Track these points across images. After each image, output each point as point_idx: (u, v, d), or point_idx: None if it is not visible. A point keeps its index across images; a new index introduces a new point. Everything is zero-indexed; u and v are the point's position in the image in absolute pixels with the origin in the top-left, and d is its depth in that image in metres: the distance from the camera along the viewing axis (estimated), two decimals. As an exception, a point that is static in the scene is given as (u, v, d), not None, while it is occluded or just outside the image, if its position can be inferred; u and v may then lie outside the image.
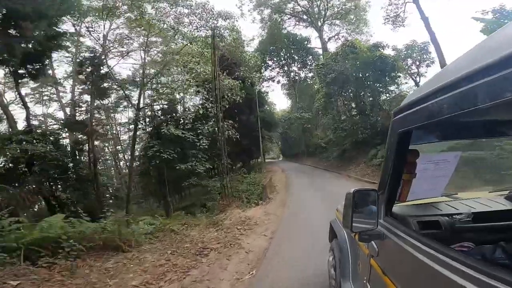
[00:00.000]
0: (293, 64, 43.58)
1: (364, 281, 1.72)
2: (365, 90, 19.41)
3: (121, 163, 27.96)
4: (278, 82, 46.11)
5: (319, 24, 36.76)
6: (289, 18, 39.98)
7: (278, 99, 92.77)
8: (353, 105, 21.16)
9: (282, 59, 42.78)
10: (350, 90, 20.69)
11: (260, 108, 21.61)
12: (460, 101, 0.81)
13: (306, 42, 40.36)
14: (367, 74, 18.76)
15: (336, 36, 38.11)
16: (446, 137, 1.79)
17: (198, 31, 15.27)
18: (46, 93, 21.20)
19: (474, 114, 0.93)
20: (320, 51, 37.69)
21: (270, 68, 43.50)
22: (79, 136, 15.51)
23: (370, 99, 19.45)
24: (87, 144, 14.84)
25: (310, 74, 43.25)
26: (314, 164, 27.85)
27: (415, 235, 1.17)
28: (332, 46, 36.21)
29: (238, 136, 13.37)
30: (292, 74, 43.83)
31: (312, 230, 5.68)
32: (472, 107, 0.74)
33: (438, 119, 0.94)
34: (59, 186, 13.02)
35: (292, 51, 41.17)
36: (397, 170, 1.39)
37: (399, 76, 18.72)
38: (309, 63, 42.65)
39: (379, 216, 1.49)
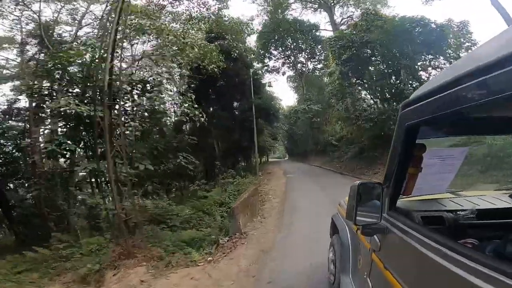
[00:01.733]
0: (300, 55, 38.61)
1: (365, 276, 1.66)
2: (399, 68, 14.09)
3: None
4: (284, 73, 41.14)
5: (330, 2, 31.25)
6: (294, 1, 34.91)
7: (284, 94, 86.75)
8: (379, 89, 15.90)
9: (288, 48, 37.91)
10: (377, 69, 15.49)
11: (257, 95, 16.79)
12: (469, 95, 0.78)
13: (314, 30, 35.37)
14: (400, 48, 13.53)
15: (350, 19, 32.70)
16: (453, 133, 1.70)
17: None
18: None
19: (483, 110, 0.98)
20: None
21: (274, 58, 38.78)
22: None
23: (408, 80, 14.14)
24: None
25: (319, 66, 38.33)
26: (324, 164, 22.65)
27: (420, 229, 1.13)
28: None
29: (204, 120, 8.33)
30: (299, 65, 38.85)
31: None
32: (481, 101, 0.73)
33: (446, 113, 0.92)
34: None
35: (299, 40, 36.26)
36: (403, 164, 1.33)
37: (451, 48, 13.30)
38: (318, 53, 37.84)
39: (383, 210, 1.44)
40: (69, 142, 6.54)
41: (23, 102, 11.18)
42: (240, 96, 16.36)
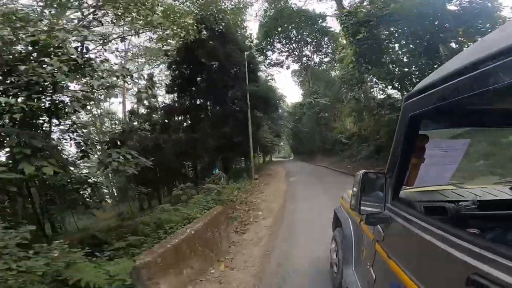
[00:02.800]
0: (305, 48, 35.55)
1: (368, 267, 1.67)
2: (435, 43, 10.87)
3: None
4: (288, 67, 38.15)
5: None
6: (299, -13, 31.86)
7: (288, 91, 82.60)
8: (398, 73, 12.71)
9: (292, 41, 34.98)
10: (402, 48, 12.31)
11: (253, 82, 13.93)
12: (471, 86, 0.78)
13: (320, 21, 32.34)
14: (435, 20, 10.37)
15: (360, 4, 29.40)
16: (456, 125, 1.71)
17: None
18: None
19: (485, 101, 1.00)
20: (338, 28, 29.30)
21: (277, 51, 35.89)
22: None
23: (451, 55, 10.84)
24: None
25: (326, 59, 35.19)
26: (333, 165, 19.56)
27: (424, 217, 1.14)
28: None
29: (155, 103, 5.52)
30: (304, 58, 35.82)
31: None
32: (483, 93, 0.72)
33: (448, 104, 0.92)
34: None
35: (304, 32, 33.32)
36: (406, 154, 1.33)
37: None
38: (325, 46, 34.78)
39: (386, 200, 1.44)
40: None
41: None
42: (234, 84, 13.58)
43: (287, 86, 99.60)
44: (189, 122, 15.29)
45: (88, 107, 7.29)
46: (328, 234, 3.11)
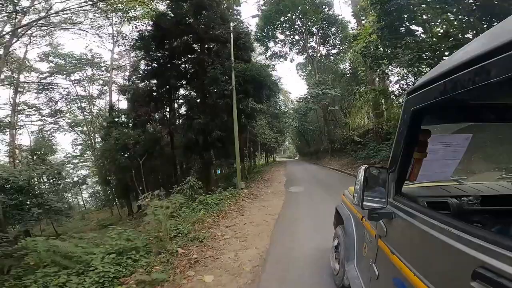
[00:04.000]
0: (311, 39, 32.07)
1: (370, 263, 1.62)
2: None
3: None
4: (292, 60, 34.66)
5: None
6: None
7: (293, 87, 77.86)
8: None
9: (297, 32, 31.64)
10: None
11: (241, 60, 10.45)
12: (474, 80, 0.76)
13: (327, 8, 29.02)
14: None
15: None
16: (459, 119, 1.62)
17: None
18: None
19: (488, 96, 1.03)
20: (347, 17, 26.01)
21: (280, 43, 32.58)
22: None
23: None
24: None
25: (334, 51, 31.55)
26: (345, 168, 15.86)
27: (427, 212, 1.11)
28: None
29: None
30: (310, 50, 32.37)
31: None
32: (486, 87, 0.70)
33: (450, 99, 0.90)
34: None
35: (308, 23, 30.01)
36: (409, 149, 1.31)
37: None
38: (332, 36, 31.27)
39: (389, 195, 1.42)
40: None
41: None
42: (214, 61, 10.18)
43: (292, 83, 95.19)
44: (156, 114, 12.03)
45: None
46: None
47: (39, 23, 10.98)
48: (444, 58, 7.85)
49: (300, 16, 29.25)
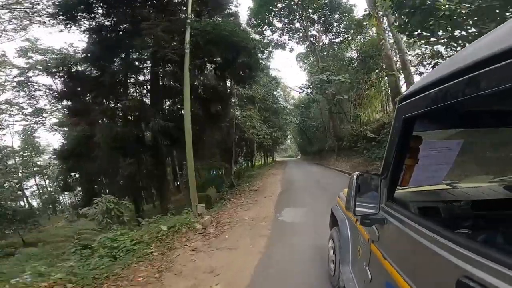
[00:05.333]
0: (311, 27, 28.72)
1: (364, 267, 1.61)
2: None
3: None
4: (291, 50, 31.35)
5: None
6: None
7: (293, 82, 73.72)
8: None
9: (296, 19, 28.45)
10: None
11: (204, 15, 6.88)
12: (464, 90, 0.76)
13: (329, -8, 25.79)
14: None
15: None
16: (450, 126, 1.66)
17: None
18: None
19: (477, 103, 1.00)
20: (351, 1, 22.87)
21: (278, 31, 29.32)
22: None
23: None
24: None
25: (338, 40, 28.13)
26: (357, 170, 12.60)
27: (417, 219, 1.11)
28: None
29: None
30: (311, 39, 28.99)
31: None
32: (475, 95, 0.71)
33: (441, 107, 0.90)
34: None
35: (309, 9, 26.83)
36: (400, 155, 1.30)
37: None
38: (336, 24, 28.03)
39: (381, 201, 1.41)
40: None
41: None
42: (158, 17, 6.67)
43: (292, 76, 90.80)
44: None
45: None
46: None
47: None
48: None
49: (299, 1, 26.02)
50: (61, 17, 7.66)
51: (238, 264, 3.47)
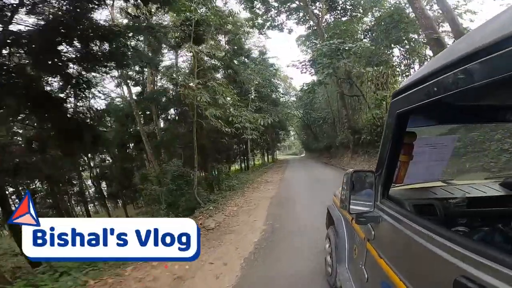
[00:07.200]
0: (312, 5, 24.41)
1: (360, 266, 1.58)
2: None
3: None
4: (290, 31, 26.99)
5: None
6: None
7: (294, 74, 68.56)
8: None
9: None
10: None
11: None
12: (458, 82, 0.74)
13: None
14: None
15: None
16: (444, 121, 1.59)
17: None
18: None
19: (471, 98, 0.99)
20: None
21: (274, 9, 25.19)
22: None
23: None
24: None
25: (344, 18, 23.77)
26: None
27: (412, 217, 1.09)
28: None
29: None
30: (314, 18, 24.70)
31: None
32: (470, 89, 0.69)
33: (434, 101, 0.88)
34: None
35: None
36: (395, 152, 1.28)
37: None
38: (341, 1, 23.97)
39: (376, 199, 1.39)
40: None
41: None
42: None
43: (293, 73, 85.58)
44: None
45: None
46: None
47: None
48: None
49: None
50: None
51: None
